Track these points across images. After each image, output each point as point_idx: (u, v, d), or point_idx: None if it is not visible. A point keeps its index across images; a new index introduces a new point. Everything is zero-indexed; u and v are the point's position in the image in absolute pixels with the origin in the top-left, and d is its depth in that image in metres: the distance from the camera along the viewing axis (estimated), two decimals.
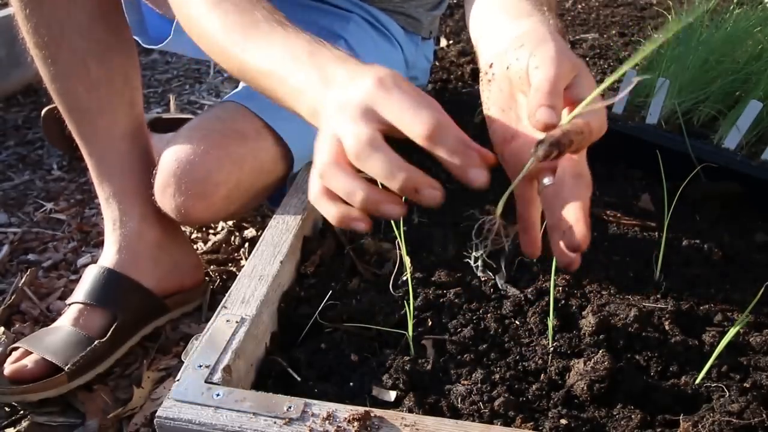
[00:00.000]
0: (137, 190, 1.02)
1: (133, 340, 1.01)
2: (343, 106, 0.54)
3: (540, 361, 0.74)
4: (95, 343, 0.94)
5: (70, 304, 0.98)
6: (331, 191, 0.54)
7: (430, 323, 0.80)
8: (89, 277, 0.99)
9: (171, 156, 0.95)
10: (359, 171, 0.52)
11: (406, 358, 0.74)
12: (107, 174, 1.02)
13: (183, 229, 1.15)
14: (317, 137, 0.56)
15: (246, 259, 1.08)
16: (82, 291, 0.98)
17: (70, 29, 0.94)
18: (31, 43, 0.95)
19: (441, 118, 0.50)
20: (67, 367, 0.90)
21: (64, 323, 0.96)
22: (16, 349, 0.94)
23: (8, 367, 0.90)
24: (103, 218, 1.06)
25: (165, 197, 0.96)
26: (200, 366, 0.66)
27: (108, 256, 1.01)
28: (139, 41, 1.12)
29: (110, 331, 0.95)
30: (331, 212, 0.54)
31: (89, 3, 0.94)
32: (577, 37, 2.09)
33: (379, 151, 0.50)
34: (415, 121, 0.50)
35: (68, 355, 0.91)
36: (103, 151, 1.01)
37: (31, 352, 0.92)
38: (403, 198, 0.52)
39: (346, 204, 0.53)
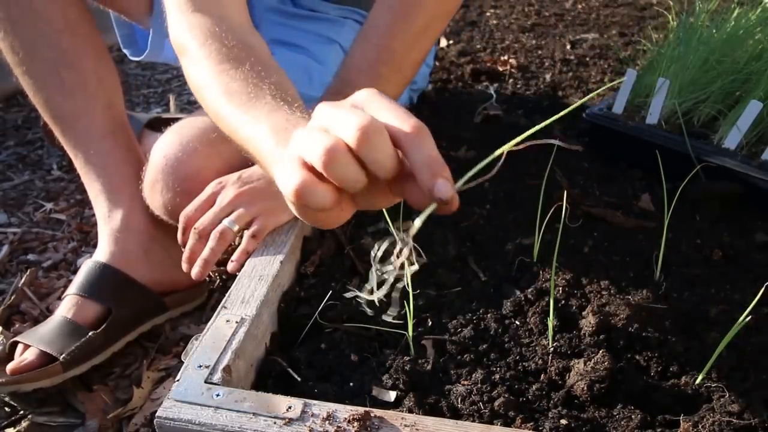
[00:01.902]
0: (123, 186, 1.04)
1: (131, 335, 1.01)
2: (333, 105, 0.50)
3: (540, 361, 0.74)
4: (90, 333, 0.94)
5: (65, 297, 0.99)
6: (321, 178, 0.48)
7: (430, 323, 0.80)
8: (83, 270, 1.01)
9: (160, 153, 0.97)
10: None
11: (406, 358, 0.74)
12: (94, 173, 1.05)
13: None
14: (294, 140, 0.50)
15: None
16: (75, 284, 0.99)
17: (40, 43, 1.00)
18: (12, 62, 1.02)
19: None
20: (62, 357, 0.90)
21: (58, 315, 0.96)
22: (15, 345, 0.94)
23: (10, 366, 0.91)
24: None
25: (153, 194, 0.98)
26: (200, 366, 0.66)
27: (100, 252, 1.03)
28: (127, 54, 1.22)
29: (106, 323, 0.96)
30: (328, 198, 0.47)
31: (54, 18, 1.00)
32: (578, 37, 2.09)
33: (385, 138, 0.46)
34: (407, 115, 0.48)
35: (63, 345, 0.92)
36: (86, 152, 1.05)
37: (29, 346, 0.93)
38: None
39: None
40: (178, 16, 0.82)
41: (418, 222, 0.49)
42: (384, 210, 0.53)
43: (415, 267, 0.50)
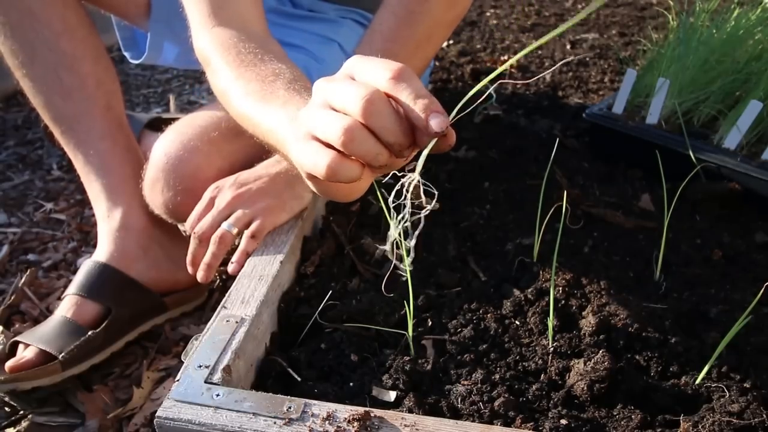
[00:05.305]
0: (123, 186, 1.05)
1: (130, 335, 1.02)
2: (330, 79, 0.54)
3: (540, 361, 0.74)
4: (89, 333, 0.94)
5: (64, 297, 0.99)
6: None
7: (430, 323, 0.80)
8: (83, 270, 1.01)
9: (160, 151, 0.98)
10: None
11: (406, 358, 0.74)
12: (93, 173, 1.06)
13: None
14: (303, 118, 0.55)
15: None
16: (75, 283, 0.99)
17: (40, 46, 1.01)
18: (12, 65, 1.03)
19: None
20: (61, 355, 0.90)
21: (58, 314, 0.97)
22: (16, 345, 0.94)
23: (8, 363, 0.91)
24: None
25: (154, 193, 0.98)
26: (200, 366, 0.66)
27: (100, 251, 1.04)
28: (127, 57, 1.25)
29: (105, 323, 0.96)
30: (358, 171, 0.51)
31: (53, 21, 1.01)
32: (578, 37, 2.09)
33: (388, 104, 0.50)
34: (388, 63, 0.51)
35: (62, 344, 0.92)
36: (85, 153, 1.05)
37: (29, 345, 0.93)
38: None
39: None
40: (201, 31, 0.86)
41: (421, 159, 0.52)
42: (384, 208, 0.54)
43: (433, 204, 0.53)
